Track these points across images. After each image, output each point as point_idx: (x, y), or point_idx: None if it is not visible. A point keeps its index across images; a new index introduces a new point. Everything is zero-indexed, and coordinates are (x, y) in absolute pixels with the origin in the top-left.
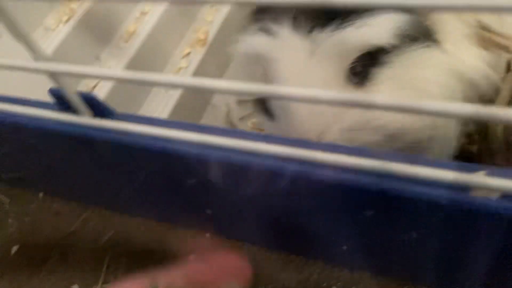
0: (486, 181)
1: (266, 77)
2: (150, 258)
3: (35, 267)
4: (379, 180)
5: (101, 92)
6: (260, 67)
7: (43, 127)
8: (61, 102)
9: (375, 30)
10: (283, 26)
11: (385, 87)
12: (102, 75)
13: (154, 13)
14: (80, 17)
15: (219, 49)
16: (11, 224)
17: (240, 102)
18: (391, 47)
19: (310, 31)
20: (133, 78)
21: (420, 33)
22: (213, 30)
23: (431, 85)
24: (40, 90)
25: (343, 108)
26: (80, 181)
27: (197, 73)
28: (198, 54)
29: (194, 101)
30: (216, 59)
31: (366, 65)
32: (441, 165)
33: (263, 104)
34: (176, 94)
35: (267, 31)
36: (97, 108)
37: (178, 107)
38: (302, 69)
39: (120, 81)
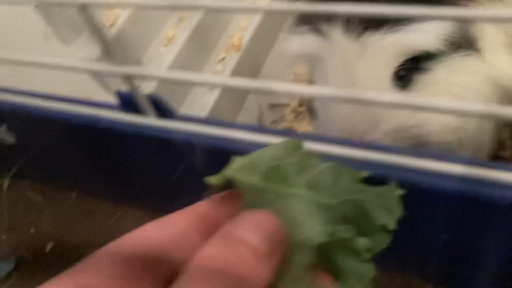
0: None
1: (312, 77)
2: None
3: (69, 264)
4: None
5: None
6: (307, 67)
7: (110, 128)
8: (127, 103)
9: (424, 36)
10: (335, 27)
11: (426, 93)
12: (168, 77)
13: (191, 19)
14: (122, 23)
15: (253, 54)
16: (45, 222)
17: (272, 106)
18: (437, 52)
19: (362, 33)
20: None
21: (463, 41)
22: (247, 36)
23: (469, 92)
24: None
25: (388, 109)
26: (115, 180)
27: (232, 77)
28: (233, 59)
29: (228, 105)
30: (250, 63)
31: (410, 69)
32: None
33: (308, 104)
34: (211, 99)
35: (318, 31)
36: (161, 109)
37: (214, 111)
38: (350, 71)
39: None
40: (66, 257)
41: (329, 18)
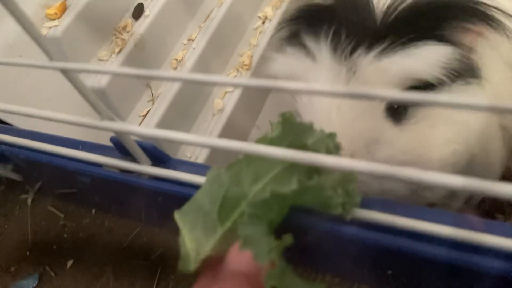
0: None
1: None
2: None
3: (89, 281)
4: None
5: (153, 118)
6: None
7: (102, 174)
8: (122, 149)
9: (421, 62)
10: (321, 44)
11: (421, 126)
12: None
13: (201, 39)
14: (131, 47)
15: (263, 73)
16: (66, 239)
17: None
18: (434, 81)
19: (351, 52)
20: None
21: (463, 69)
22: (257, 54)
23: (467, 129)
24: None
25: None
26: (131, 202)
27: (243, 96)
28: (243, 78)
29: (240, 123)
30: None
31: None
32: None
33: None
34: (223, 117)
35: (303, 48)
36: (154, 155)
37: (226, 129)
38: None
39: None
40: (86, 274)
41: (316, 31)
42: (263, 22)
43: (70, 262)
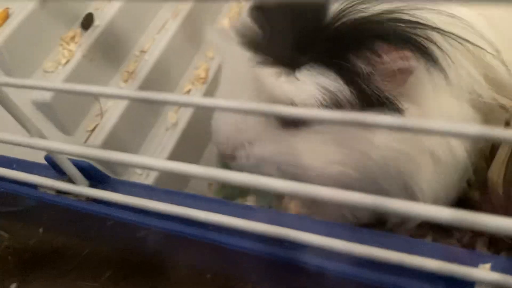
0: (491, 276)
1: None
2: None
3: None
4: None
5: (101, 134)
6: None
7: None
8: (57, 168)
9: (300, 90)
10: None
11: (313, 138)
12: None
13: (154, 51)
14: (79, 59)
15: None
16: (10, 261)
17: None
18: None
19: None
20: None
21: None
22: (213, 67)
23: (366, 159)
24: None
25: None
26: (75, 223)
27: (198, 109)
28: (198, 91)
29: (195, 137)
30: None
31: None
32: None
33: None
34: (177, 132)
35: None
36: (92, 175)
37: (180, 144)
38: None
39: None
40: None
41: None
42: None
43: (13, 286)
